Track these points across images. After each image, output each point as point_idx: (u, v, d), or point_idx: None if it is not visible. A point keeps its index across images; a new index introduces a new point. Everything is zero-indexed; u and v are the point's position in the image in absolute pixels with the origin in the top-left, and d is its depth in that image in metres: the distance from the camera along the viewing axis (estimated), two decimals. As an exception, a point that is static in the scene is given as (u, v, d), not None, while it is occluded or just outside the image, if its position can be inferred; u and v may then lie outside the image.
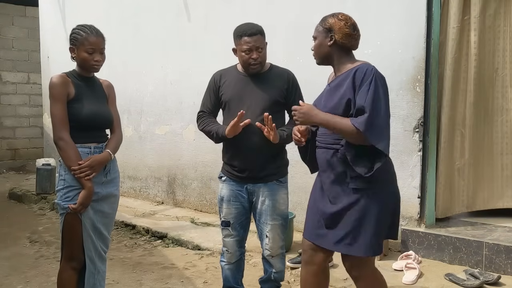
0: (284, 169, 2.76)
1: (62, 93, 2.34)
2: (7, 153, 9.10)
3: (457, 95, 3.65)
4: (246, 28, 2.59)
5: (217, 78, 2.74)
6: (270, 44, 4.68)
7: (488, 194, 3.80)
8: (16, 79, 9.13)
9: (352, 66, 2.22)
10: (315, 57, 2.33)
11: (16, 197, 6.43)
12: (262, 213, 2.68)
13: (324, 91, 2.35)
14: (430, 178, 3.68)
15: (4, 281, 3.50)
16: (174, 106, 5.50)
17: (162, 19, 5.59)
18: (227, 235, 2.75)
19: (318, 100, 2.35)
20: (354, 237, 2.17)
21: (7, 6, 8.93)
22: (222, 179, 2.76)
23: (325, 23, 2.27)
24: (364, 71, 2.13)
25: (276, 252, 2.72)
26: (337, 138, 2.20)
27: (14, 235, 4.70)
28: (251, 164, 2.62)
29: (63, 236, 2.45)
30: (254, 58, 2.57)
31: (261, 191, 2.66)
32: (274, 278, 2.78)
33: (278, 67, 2.75)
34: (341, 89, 2.18)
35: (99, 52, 2.41)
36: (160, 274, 3.64)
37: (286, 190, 2.74)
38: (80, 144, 2.38)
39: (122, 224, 4.87)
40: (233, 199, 2.70)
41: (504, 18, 3.62)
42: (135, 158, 5.98)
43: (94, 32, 2.40)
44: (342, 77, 2.23)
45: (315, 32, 2.31)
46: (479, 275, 3.10)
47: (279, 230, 2.70)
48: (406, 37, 3.63)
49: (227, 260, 2.79)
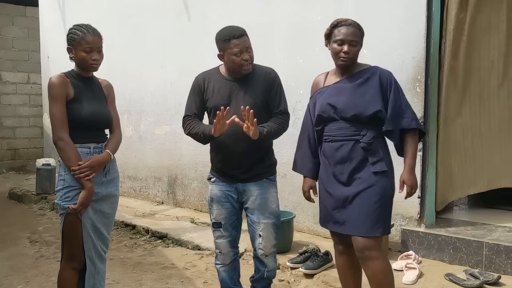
0: (273, 168, 2.76)
1: (61, 93, 2.34)
2: (7, 153, 9.10)
3: (454, 92, 3.64)
4: (231, 31, 2.57)
5: (201, 82, 2.71)
6: (270, 44, 4.70)
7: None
8: (16, 79, 9.14)
9: (364, 67, 2.46)
10: (349, 60, 2.42)
11: (16, 197, 6.44)
12: (254, 212, 2.67)
13: (335, 88, 2.45)
14: (430, 178, 3.68)
15: (4, 281, 3.51)
16: (174, 106, 5.49)
17: (162, 19, 5.59)
18: (219, 236, 2.74)
19: (326, 98, 2.46)
20: (376, 218, 2.34)
21: (7, 6, 8.94)
22: (211, 180, 2.76)
23: (361, 30, 2.44)
24: (388, 76, 2.41)
25: (269, 251, 2.72)
26: (355, 130, 2.38)
27: (14, 235, 4.71)
28: (240, 166, 2.63)
29: (63, 236, 2.45)
30: (246, 59, 2.55)
31: (251, 190, 2.65)
32: (267, 276, 2.77)
33: (261, 66, 2.72)
34: (368, 89, 2.38)
35: (97, 50, 2.40)
36: (160, 274, 3.65)
37: (275, 188, 2.75)
38: (80, 144, 2.38)
39: (122, 224, 4.88)
40: (223, 200, 2.70)
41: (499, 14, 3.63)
42: (135, 158, 5.98)
43: (91, 31, 2.40)
44: (362, 77, 2.40)
45: (356, 37, 2.39)
46: (479, 275, 3.10)
47: (272, 229, 2.70)
48: (406, 37, 3.62)
49: (221, 262, 2.78)
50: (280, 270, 3.54)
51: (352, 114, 2.36)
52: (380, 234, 2.36)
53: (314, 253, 3.51)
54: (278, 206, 2.76)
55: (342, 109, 2.38)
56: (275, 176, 2.77)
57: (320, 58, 4.16)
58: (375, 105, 2.35)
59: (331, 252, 3.54)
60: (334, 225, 2.47)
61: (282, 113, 2.70)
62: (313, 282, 3.33)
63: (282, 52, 4.33)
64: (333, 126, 2.43)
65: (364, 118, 2.36)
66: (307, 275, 3.40)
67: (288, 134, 2.81)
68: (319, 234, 4.21)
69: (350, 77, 2.42)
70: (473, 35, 3.58)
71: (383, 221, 2.37)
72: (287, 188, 4.40)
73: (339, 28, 2.39)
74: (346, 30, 2.37)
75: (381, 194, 2.36)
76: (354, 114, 2.36)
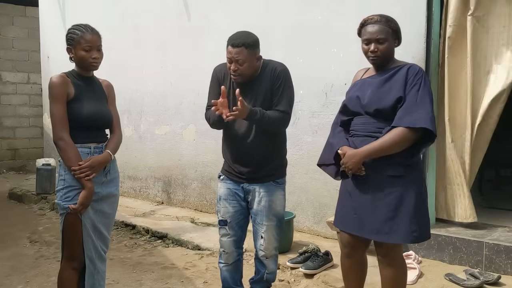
0: (283, 170, 2.73)
1: (61, 93, 2.34)
2: (7, 153, 9.10)
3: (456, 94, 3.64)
4: (234, 37, 2.51)
5: (219, 74, 2.68)
6: (270, 44, 4.69)
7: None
8: (16, 79, 9.13)
9: (400, 64, 2.37)
10: (378, 60, 2.36)
11: (16, 197, 6.43)
12: (258, 214, 2.66)
13: (365, 83, 2.42)
14: (430, 178, 3.68)
15: (4, 281, 3.51)
16: (174, 106, 5.50)
17: (162, 19, 5.59)
18: (224, 234, 2.73)
19: (356, 91, 2.42)
20: (394, 224, 2.27)
21: (7, 6, 8.93)
22: (221, 178, 2.75)
23: (392, 24, 2.36)
24: (414, 71, 2.29)
25: (270, 253, 2.71)
26: (379, 127, 2.30)
27: (14, 235, 4.71)
28: (249, 164, 2.61)
29: (63, 236, 2.45)
30: (232, 69, 2.50)
31: (257, 191, 2.64)
32: (266, 278, 2.76)
33: (270, 63, 2.63)
34: (394, 84, 2.29)
35: (96, 49, 2.40)
36: (160, 274, 3.65)
37: (283, 192, 2.72)
38: (80, 144, 2.38)
39: (122, 224, 4.88)
40: (230, 198, 2.69)
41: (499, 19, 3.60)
42: (135, 158, 5.98)
43: (90, 30, 2.40)
44: (390, 72, 2.34)
45: (382, 34, 2.32)
46: (479, 275, 3.10)
47: (274, 231, 2.69)
48: (406, 37, 3.58)
49: (224, 261, 2.77)
50: (280, 270, 3.54)
51: (375, 108, 2.30)
52: (401, 242, 2.31)
53: (314, 253, 3.51)
54: (283, 209, 2.73)
55: (367, 103, 2.34)
56: (284, 179, 2.72)
57: (320, 58, 4.18)
58: (396, 96, 2.27)
59: (331, 252, 3.55)
60: (353, 227, 2.41)
61: (281, 111, 2.58)
62: (313, 282, 3.33)
63: (282, 52, 4.33)
64: (359, 120, 2.39)
65: (387, 112, 2.28)
66: (307, 275, 3.40)
67: (288, 134, 2.80)
68: (319, 234, 4.21)
69: (381, 73, 2.38)
70: (473, 36, 3.58)
71: (404, 228, 2.26)
72: (287, 188, 4.36)
73: (366, 27, 2.36)
74: (371, 28, 2.33)
75: (399, 201, 2.27)
76: (377, 109, 2.30)
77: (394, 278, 2.39)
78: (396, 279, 2.40)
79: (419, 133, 2.23)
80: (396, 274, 2.39)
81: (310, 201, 4.26)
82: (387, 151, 2.24)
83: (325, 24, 4.10)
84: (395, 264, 2.40)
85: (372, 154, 2.26)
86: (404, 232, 2.26)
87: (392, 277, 2.39)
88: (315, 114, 4.17)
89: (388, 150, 2.24)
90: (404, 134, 2.21)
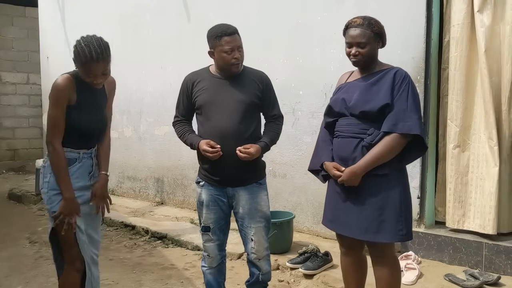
0: (263, 171, 2.73)
1: (63, 97, 2.31)
2: (6, 153, 9.09)
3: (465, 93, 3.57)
4: (224, 28, 2.56)
5: (189, 83, 2.71)
6: (270, 44, 4.69)
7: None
8: (16, 79, 9.13)
9: (386, 67, 2.42)
10: (360, 62, 2.40)
11: (16, 197, 6.43)
12: (244, 217, 2.65)
13: (351, 86, 2.45)
14: (429, 178, 3.68)
15: (4, 281, 3.50)
16: (174, 106, 5.48)
17: (162, 19, 5.59)
18: (208, 240, 2.73)
19: (342, 93, 2.45)
20: (380, 224, 2.30)
21: (7, 6, 8.92)
22: (200, 184, 2.71)
23: (374, 27, 2.38)
24: (401, 76, 2.33)
25: (262, 255, 2.70)
26: (363, 128, 2.34)
27: (13, 235, 4.70)
28: (229, 170, 2.58)
29: (62, 242, 2.43)
30: (237, 57, 2.54)
31: (241, 194, 2.63)
32: (262, 279, 2.76)
33: (251, 68, 2.72)
34: (381, 87, 2.33)
35: (102, 73, 2.34)
36: (159, 274, 3.64)
37: (266, 192, 2.72)
38: (70, 148, 2.38)
39: (121, 225, 4.87)
40: (212, 204, 2.66)
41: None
42: (135, 159, 5.98)
43: (100, 56, 2.26)
44: (377, 76, 2.37)
45: (363, 38, 2.36)
46: (479, 275, 3.10)
47: (263, 232, 2.69)
48: (405, 37, 3.62)
49: (208, 265, 2.77)
50: (279, 271, 3.54)
51: (360, 111, 2.34)
52: (389, 240, 2.34)
53: (313, 254, 3.50)
54: (268, 209, 2.74)
55: (352, 104, 2.37)
56: (265, 179, 2.74)
57: (320, 58, 4.17)
58: (384, 101, 2.30)
59: (331, 253, 3.55)
60: (338, 226, 2.46)
61: (277, 117, 2.72)
62: (313, 283, 3.33)
63: (282, 53, 4.33)
64: (343, 121, 2.43)
65: (373, 115, 2.32)
66: (306, 276, 3.40)
67: (288, 135, 2.81)
68: (319, 235, 4.21)
69: (367, 76, 2.42)
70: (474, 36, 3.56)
71: (390, 227, 2.30)
72: (287, 188, 4.41)
73: (348, 30, 2.40)
74: (353, 32, 2.38)
75: (385, 201, 2.30)
76: (362, 111, 2.33)
77: (387, 277, 2.40)
78: (389, 278, 2.40)
79: (409, 139, 2.30)
80: (390, 274, 2.40)
81: (310, 201, 4.26)
82: (385, 159, 2.29)
83: (324, 25, 4.10)
84: (387, 263, 2.40)
85: (370, 166, 2.30)
86: (391, 231, 2.30)
87: (386, 277, 2.40)
88: (314, 115, 4.17)
89: (386, 158, 2.30)
90: (398, 140, 2.28)
